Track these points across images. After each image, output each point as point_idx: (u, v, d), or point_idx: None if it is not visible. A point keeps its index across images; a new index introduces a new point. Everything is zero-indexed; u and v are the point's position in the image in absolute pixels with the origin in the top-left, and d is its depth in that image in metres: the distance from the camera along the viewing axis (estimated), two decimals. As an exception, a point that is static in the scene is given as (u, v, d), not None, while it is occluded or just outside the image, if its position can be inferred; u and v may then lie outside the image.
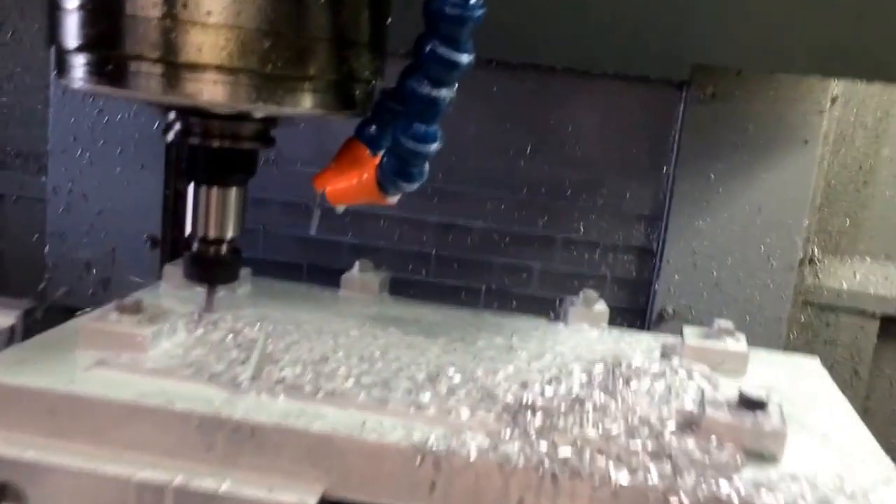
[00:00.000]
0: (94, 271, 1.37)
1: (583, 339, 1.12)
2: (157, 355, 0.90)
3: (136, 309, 0.93)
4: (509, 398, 0.87)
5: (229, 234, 0.93)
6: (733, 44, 1.12)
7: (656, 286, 1.27)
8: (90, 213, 1.34)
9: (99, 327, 0.90)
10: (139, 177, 1.32)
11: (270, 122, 0.88)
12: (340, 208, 0.97)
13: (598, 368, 0.98)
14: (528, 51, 1.18)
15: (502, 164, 1.29)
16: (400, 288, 1.24)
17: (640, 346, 1.11)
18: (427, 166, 0.87)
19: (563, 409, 0.85)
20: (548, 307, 1.24)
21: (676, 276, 1.26)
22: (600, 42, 1.15)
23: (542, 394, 0.89)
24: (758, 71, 1.18)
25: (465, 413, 0.83)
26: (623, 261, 1.31)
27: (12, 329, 1.15)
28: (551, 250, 1.32)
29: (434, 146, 0.85)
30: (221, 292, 1.05)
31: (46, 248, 1.36)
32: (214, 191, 0.92)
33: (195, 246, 0.96)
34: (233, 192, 0.93)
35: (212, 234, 0.93)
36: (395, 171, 0.87)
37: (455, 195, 1.31)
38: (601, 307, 1.18)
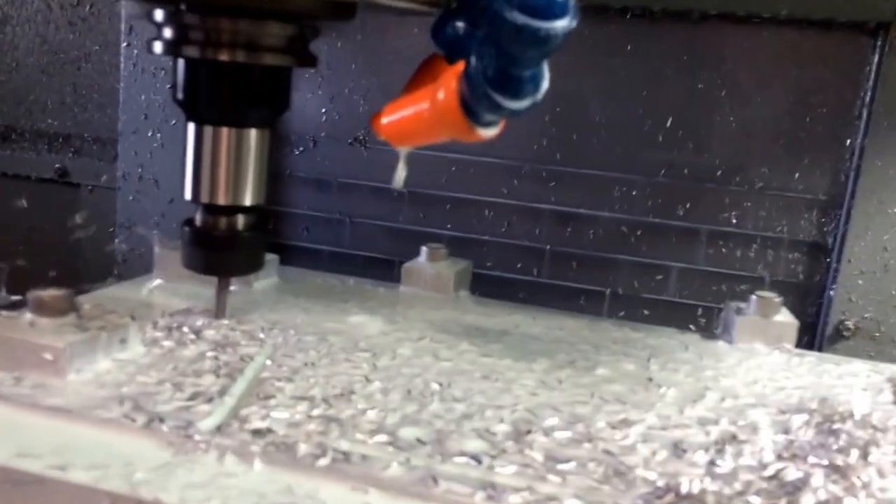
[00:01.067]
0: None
1: (761, 368, 0.73)
2: (78, 381, 0.56)
3: (62, 305, 0.60)
4: (654, 479, 0.50)
5: (247, 200, 0.67)
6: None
7: (832, 293, 0.99)
8: (161, 202, 1.16)
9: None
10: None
11: (308, 24, 0.64)
12: (403, 151, 0.65)
13: (799, 421, 0.60)
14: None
15: (634, 140, 1.03)
16: (506, 291, 1.04)
17: (853, 380, 0.71)
18: (546, 71, 0.52)
19: None
20: (688, 317, 1.02)
21: (860, 281, 0.98)
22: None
23: (711, 473, 0.51)
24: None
25: (574, 506, 0.46)
26: (787, 260, 1.03)
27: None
28: (694, 246, 1.04)
29: (562, 23, 0.48)
30: (234, 287, 0.72)
31: (116, 241, 1.24)
32: (225, 134, 0.65)
33: (197, 218, 0.67)
34: (252, 137, 0.66)
35: (221, 199, 0.66)
36: (492, 75, 0.51)
37: (575, 179, 1.05)
38: (786, 318, 0.79)
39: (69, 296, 0.60)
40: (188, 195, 0.67)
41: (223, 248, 0.68)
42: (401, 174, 0.66)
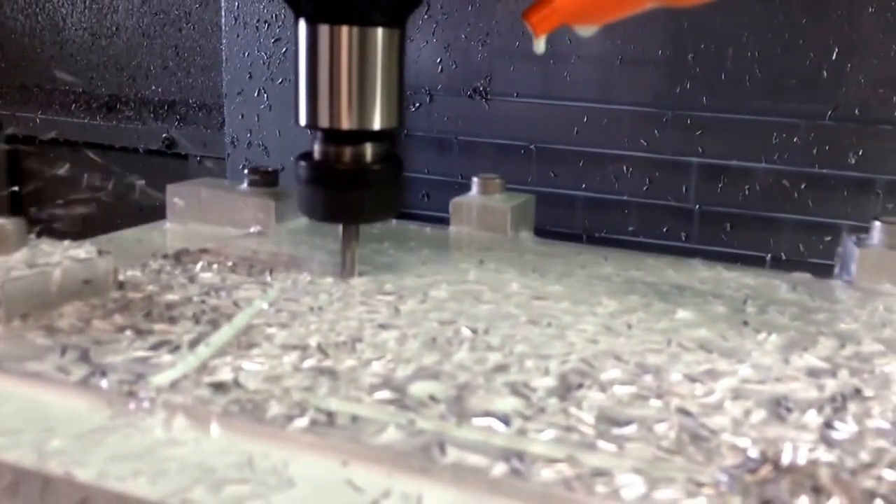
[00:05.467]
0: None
1: (891, 311, 0.58)
2: (20, 327, 0.46)
3: (10, 238, 0.49)
4: (747, 446, 0.36)
5: (376, 122, 0.54)
6: None
7: None
8: None
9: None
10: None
11: None
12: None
13: (949, 371, 0.45)
14: None
15: (794, 77, 0.89)
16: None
17: None
18: None
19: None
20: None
21: None
22: None
23: (827, 439, 0.38)
24: None
25: (635, 486, 0.33)
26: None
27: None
28: (867, 200, 0.89)
29: None
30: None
31: None
32: (345, 34, 0.52)
33: (315, 150, 0.55)
34: (379, 39, 0.53)
35: (345, 122, 0.53)
36: None
37: (726, 126, 0.91)
38: (921, 249, 0.63)
39: (18, 226, 0.50)
40: (302, 120, 0.55)
41: (348, 187, 0.56)
42: (542, 41, 0.53)
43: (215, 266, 0.59)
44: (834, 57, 0.88)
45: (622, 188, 0.95)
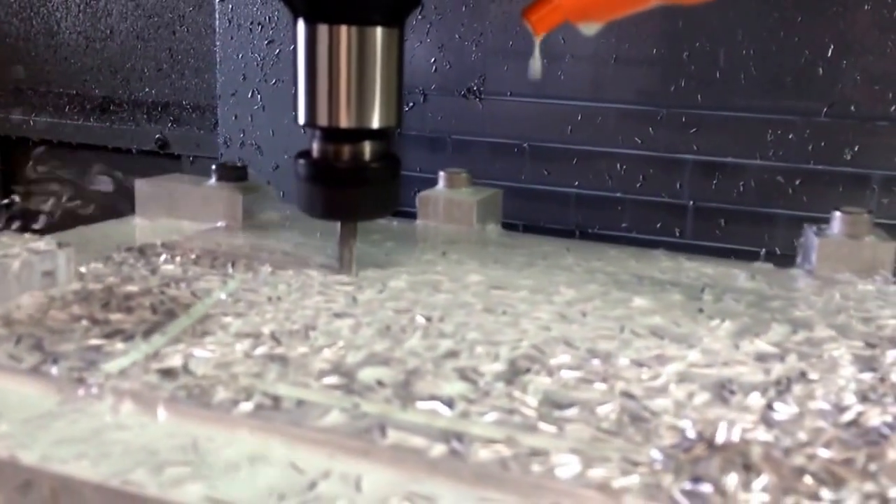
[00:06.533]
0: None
1: (847, 298, 0.58)
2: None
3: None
4: (686, 427, 0.37)
5: (374, 121, 0.54)
6: None
7: None
8: (265, 169, 1.08)
9: None
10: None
11: None
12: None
13: (894, 356, 0.46)
14: None
15: (789, 74, 0.89)
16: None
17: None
18: None
19: (835, 457, 0.34)
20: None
21: None
22: None
23: (767, 419, 0.38)
24: None
25: (570, 465, 0.34)
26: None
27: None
28: (864, 195, 0.89)
29: None
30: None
31: None
32: (344, 33, 0.52)
33: (314, 148, 0.55)
34: (378, 38, 0.53)
35: (343, 121, 0.54)
36: None
37: (721, 123, 0.92)
38: (880, 238, 0.64)
39: (-24, 219, 0.50)
40: (301, 118, 0.55)
41: (347, 185, 0.56)
42: (537, 62, 0.55)
43: (178, 259, 0.59)
44: (829, 54, 0.88)
45: (616, 185, 0.95)
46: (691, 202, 0.94)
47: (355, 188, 0.56)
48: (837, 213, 0.65)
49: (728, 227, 0.93)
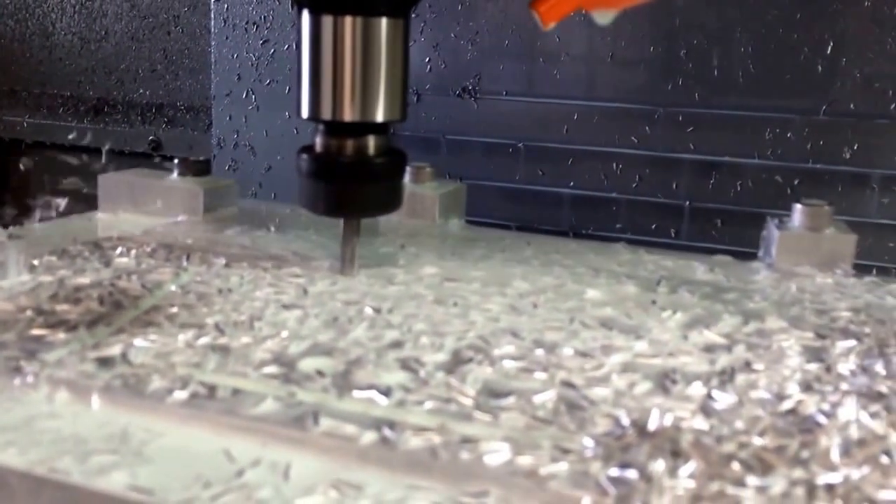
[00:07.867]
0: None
1: (803, 291, 0.58)
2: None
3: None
4: (621, 415, 0.37)
5: (379, 114, 0.53)
6: None
7: None
8: (258, 170, 1.09)
9: None
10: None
11: None
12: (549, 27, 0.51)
13: (843, 347, 0.46)
14: None
15: (788, 72, 0.89)
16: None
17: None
18: None
19: (769, 444, 0.34)
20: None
21: None
22: None
23: (705, 408, 0.38)
24: None
25: (501, 452, 0.34)
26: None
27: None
28: (864, 195, 0.88)
29: None
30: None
31: None
32: (349, 24, 0.51)
33: (317, 143, 0.54)
34: (383, 29, 0.52)
35: (347, 114, 0.52)
36: None
37: (719, 122, 0.91)
38: (840, 231, 0.64)
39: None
40: (304, 112, 0.53)
41: (350, 180, 0.54)
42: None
43: (133, 252, 0.59)
44: (828, 52, 0.88)
45: (612, 185, 0.95)
46: (688, 202, 0.94)
47: (360, 183, 0.55)
48: (798, 206, 0.65)
49: (725, 228, 0.93)
